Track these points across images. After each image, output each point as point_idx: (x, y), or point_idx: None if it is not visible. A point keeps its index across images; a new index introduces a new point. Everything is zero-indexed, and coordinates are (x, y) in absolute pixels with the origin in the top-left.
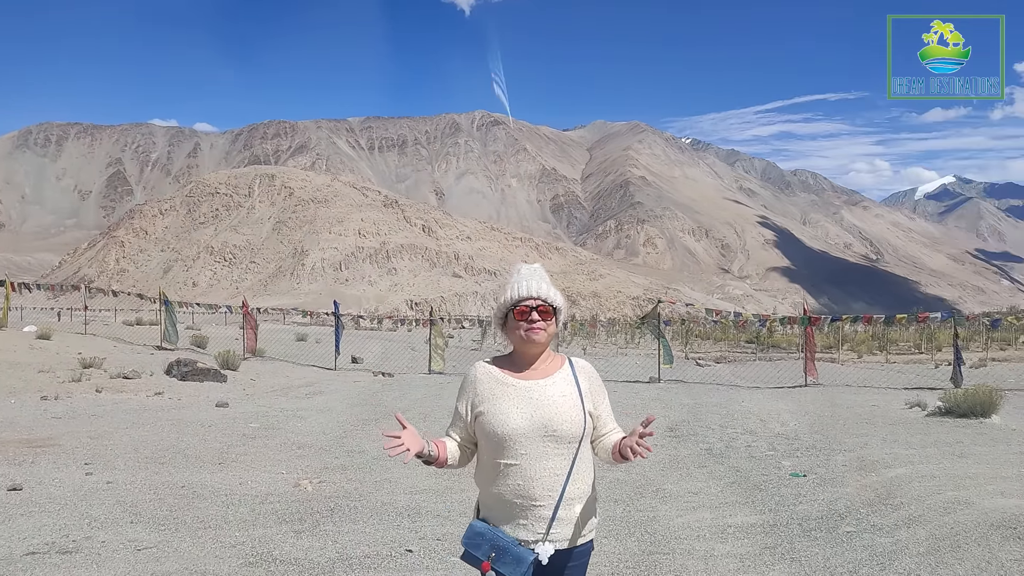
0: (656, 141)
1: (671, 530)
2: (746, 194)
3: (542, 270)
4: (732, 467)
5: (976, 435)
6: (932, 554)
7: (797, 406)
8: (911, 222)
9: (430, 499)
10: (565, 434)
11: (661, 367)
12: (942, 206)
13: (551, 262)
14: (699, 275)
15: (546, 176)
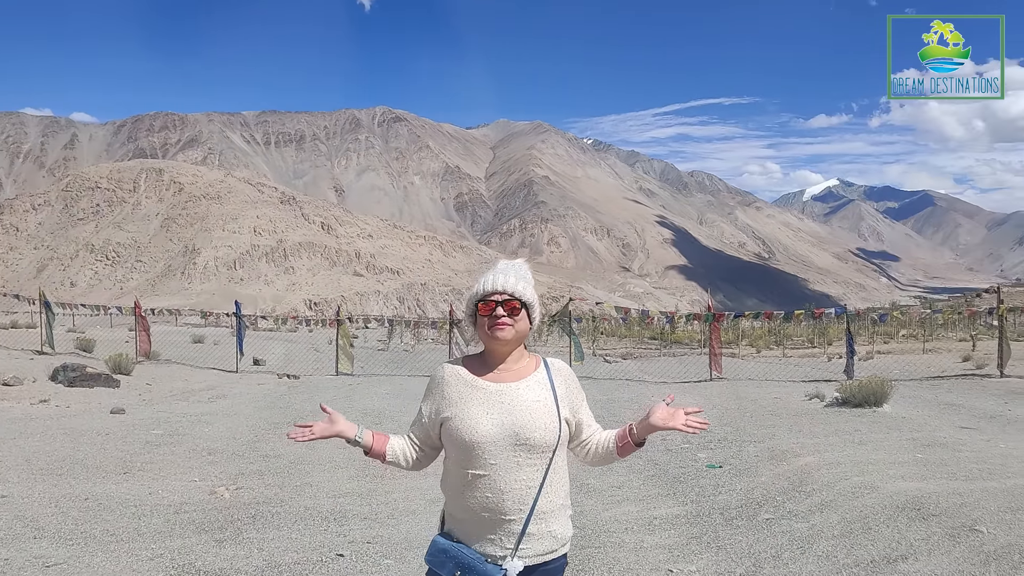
0: (559, 141)
1: (600, 524)
2: (646, 194)
3: (522, 266)
4: (650, 461)
5: (871, 423)
6: (846, 536)
7: (705, 400)
8: (800, 222)
9: (355, 502)
10: (538, 443)
11: (572, 364)
12: (827, 207)
13: (456, 260)
14: (601, 273)
15: (450, 174)
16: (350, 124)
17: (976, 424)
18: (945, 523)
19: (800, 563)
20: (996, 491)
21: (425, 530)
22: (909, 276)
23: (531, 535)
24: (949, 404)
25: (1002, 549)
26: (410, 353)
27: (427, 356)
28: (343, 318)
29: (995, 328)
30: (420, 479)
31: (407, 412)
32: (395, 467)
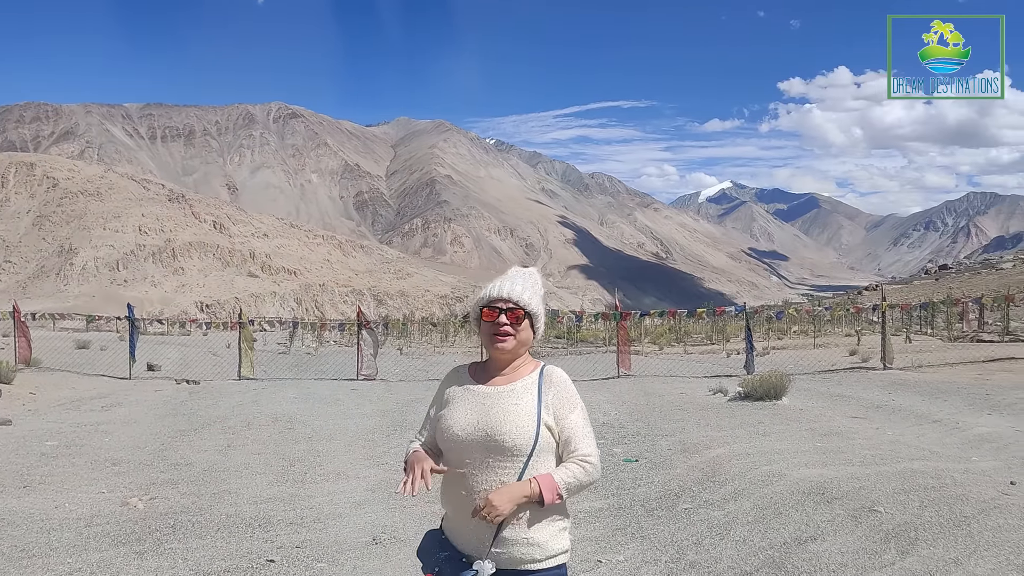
0: (461, 140)
1: None
2: (548, 195)
3: (532, 274)
4: None
5: (773, 416)
6: (760, 521)
7: (615, 396)
8: (696, 223)
9: (279, 507)
10: (509, 446)
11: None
12: (721, 209)
13: (356, 260)
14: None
15: (349, 172)
16: (243, 119)
17: (865, 414)
18: (847, 505)
19: (720, 548)
20: (889, 474)
21: (354, 533)
22: (797, 275)
23: (505, 539)
24: (840, 396)
25: (899, 527)
26: (313, 356)
27: (331, 359)
28: (246, 321)
29: (876, 324)
30: (343, 482)
31: (318, 416)
32: None
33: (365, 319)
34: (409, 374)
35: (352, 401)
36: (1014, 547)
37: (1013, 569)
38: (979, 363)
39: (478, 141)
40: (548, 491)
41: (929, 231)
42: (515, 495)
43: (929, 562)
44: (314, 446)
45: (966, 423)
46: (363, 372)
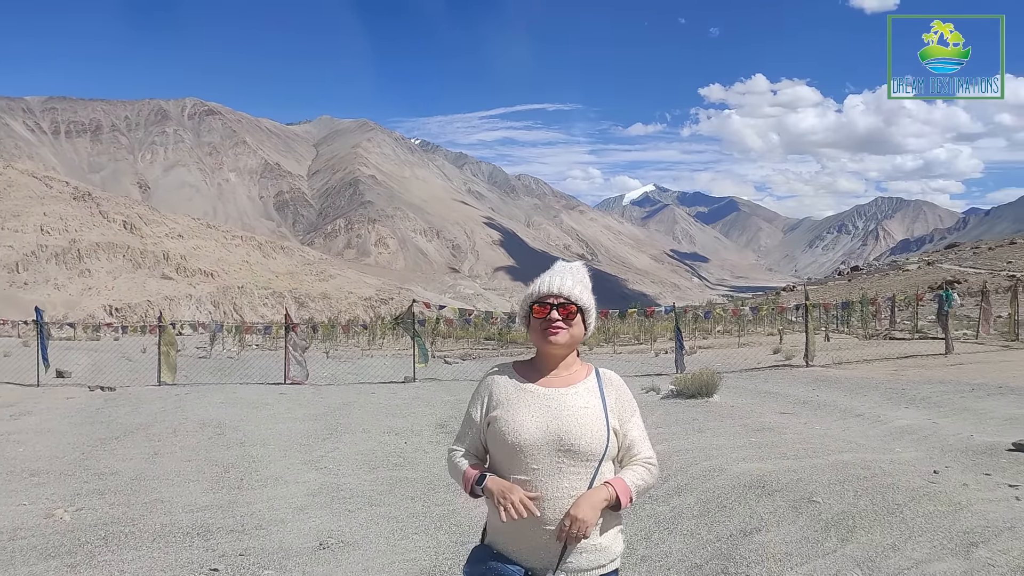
0: (386, 140)
1: (475, 520)
2: (474, 196)
3: (580, 268)
4: None
5: (706, 413)
6: (705, 515)
7: None
8: (620, 226)
9: (217, 515)
10: (583, 450)
11: (416, 366)
12: (645, 212)
13: (276, 262)
14: (431, 275)
15: (269, 171)
16: (156, 115)
17: (793, 409)
18: (787, 497)
19: (669, 542)
20: (823, 466)
21: (299, 539)
22: (717, 276)
23: (575, 547)
24: (768, 392)
25: (837, 516)
26: (235, 360)
27: (255, 363)
28: (167, 324)
29: (793, 323)
30: (282, 487)
31: (248, 421)
32: None
33: (293, 322)
34: (338, 377)
35: (282, 405)
36: (946, 532)
37: (947, 553)
38: (893, 359)
39: (403, 141)
40: (623, 495)
41: (842, 234)
42: (596, 502)
43: (868, 548)
44: (247, 451)
45: (886, 416)
46: (291, 376)
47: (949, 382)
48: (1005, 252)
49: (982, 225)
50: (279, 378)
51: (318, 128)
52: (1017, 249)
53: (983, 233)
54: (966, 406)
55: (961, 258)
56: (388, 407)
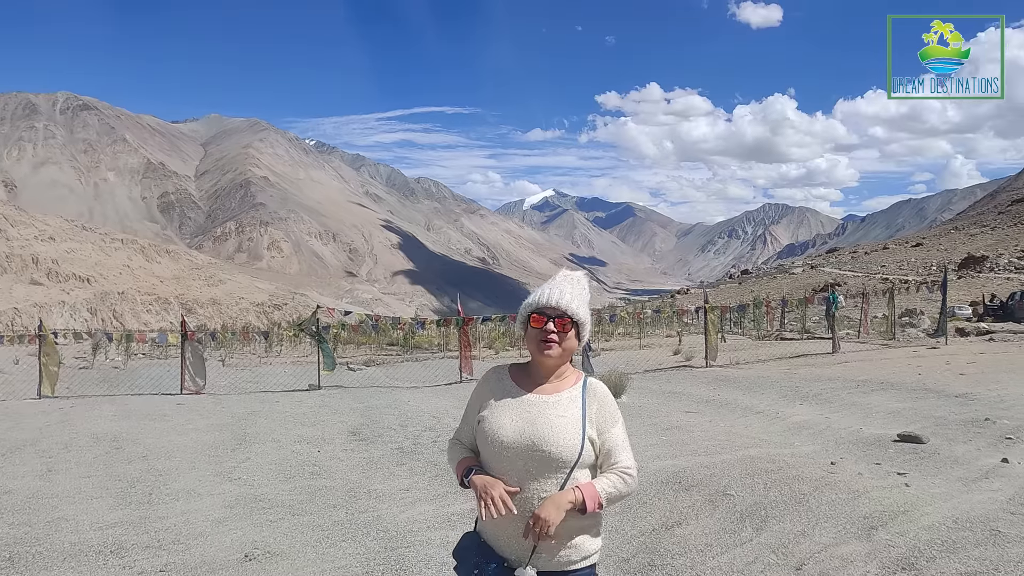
0: (279, 141)
1: (401, 525)
2: (372, 199)
3: (580, 280)
4: (429, 462)
5: None
6: (627, 511)
7: (460, 401)
8: (520, 230)
9: (129, 531)
10: (554, 456)
11: (322, 373)
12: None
13: (161, 266)
14: (328, 279)
15: (152, 171)
16: (23, 109)
17: (697, 408)
18: (704, 491)
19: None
20: (733, 461)
21: (222, 552)
22: (615, 279)
23: (545, 546)
24: (672, 392)
25: (751, 508)
26: (122, 371)
27: (145, 373)
28: (47, 333)
29: (690, 325)
30: (196, 500)
31: (147, 434)
32: None
33: (190, 329)
34: (238, 386)
35: (181, 416)
36: (848, 518)
37: (851, 536)
38: (786, 359)
39: (297, 142)
40: (591, 500)
41: (732, 239)
42: (561, 504)
43: (781, 536)
44: (152, 465)
45: (784, 413)
46: (188, 386)
47: (837, 379)
48: (879, 256)
49: (859, 231)
50: (174, 388)
51: (206, 127)
52: (889, 254)
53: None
54: (854, 401)
55: (841, 262)
56: (296, 416)
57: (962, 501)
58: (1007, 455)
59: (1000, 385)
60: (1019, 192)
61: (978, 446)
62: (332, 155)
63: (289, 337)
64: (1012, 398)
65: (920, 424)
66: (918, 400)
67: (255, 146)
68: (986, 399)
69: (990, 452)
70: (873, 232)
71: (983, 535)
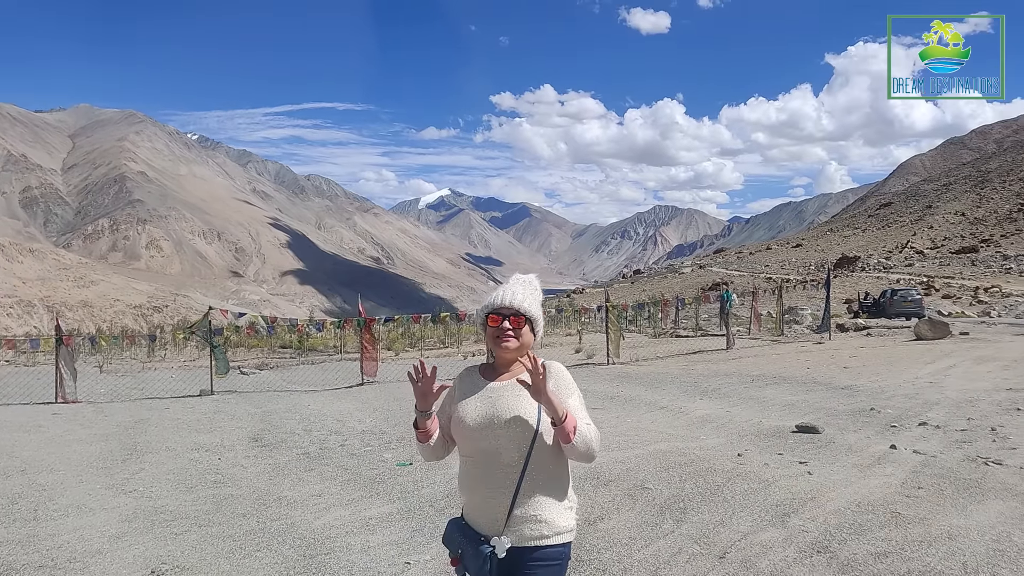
0: (158, 134)
1: (317, 531)
2: (260, 196)
3: (532, 282)
4: (340, 466)
5: None
6: None
7: (363, 404)
8: (416, 229)
9: (16, 551)
10: (514, 430)
11: (215, 378)
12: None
13: (23, 266)
14: (212, 280)
15: (13, 164)
16: None
17: (603, 405)
18: (622, 486)
19: None
20: (646, 456)
21: (125, 569)
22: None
23: (516, 517)
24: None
25: (669, 500)
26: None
27: (9, 382)
28: None
29: (587, 323)
30: (88, 516)
31: (23, 446)
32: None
33: (65, 333)
34: (120, 393)
35: (59, 427)
36: (762, 506)
37: (767, 524)
38: (683, 355)
39: (178, 136)
40: (570, 422)
41: (625, 239)
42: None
43: (701, 526)
44: (33, 479)
45: (687, 408)
46: (64, 394)
47: (733, 374)
48: (763, 256)
49: (743, 232)
50: (47, 397)
51: (75, 117)
52: (772, 254)
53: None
54: (751, 395)
55: (728, 262)
56: (189, 423)
57: (861, 486)
58: (894, 442)
59: (880, 377)
60: (885, 197)
61: (867, 434)
62: (217, 150)
63: (178, 340)
64: (892, 389)
65: (814, 415)
66: (809, 393)
67: (131, 139)
68: (869, 390)
69: (879, 440)
70: (757, 233)
71: (885, 517)
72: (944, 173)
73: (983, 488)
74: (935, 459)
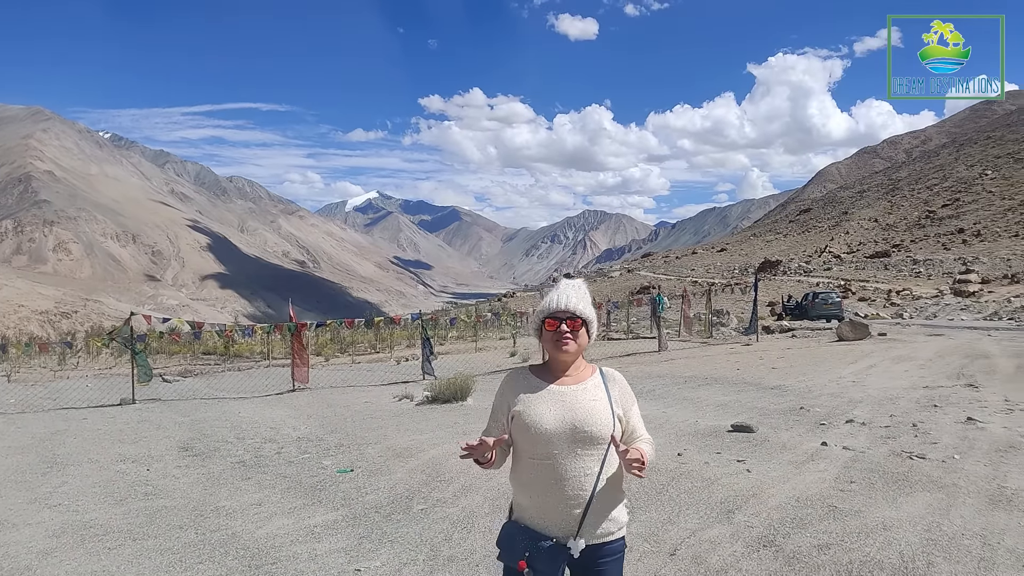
0: (67, 132)
1: (262, 541)
2: (179, 198)
3: (581, 285)
4: (278, 475)
5: (465, 416)
6: (498, 511)
7: (296, 411)
8: (343, 232)
9: None
10: (595, 435)
11: (136, 386)
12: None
13: None
14: (127, 284)
15: None
16: None
17: None
18: None
19: (471, 540)
20: None
21: None
22: (441, 283)
23: (591, 517)
24: None
25: None
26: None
27: None
28: None
29: (520, 327)
30: (12, 532)
31: None
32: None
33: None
34: (32, 404)
35: None
36: (707, 504)
37: (713, 521)
38: (617, 357)
39: (89, 134)
40: (647, 455)
41: (554, 243)
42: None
43: (649, 524)
44: None
45: None
46: None
47: (666, 376)
48: (689, 260)
49: (670, 237)
50: None
51: None
52: (698, 258)
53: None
54: (685, 396)
55: (655, 266)
56: (112, 433)
57: (798, 482)
58: (825, 439)
59: (807, 377)
60: (804, 203)
61: (799, 432)
62: (132, 150)
63: (92, 348)
64: (818, 388)
65: (747, 415)
66: (740, 393)
67: (37, 137)
68: (797, 390)
69: (810, 437)
70: (683, 238)
71: (823, 511)
72: (858, 181)
73: (910, 481)
74: (864, 454)
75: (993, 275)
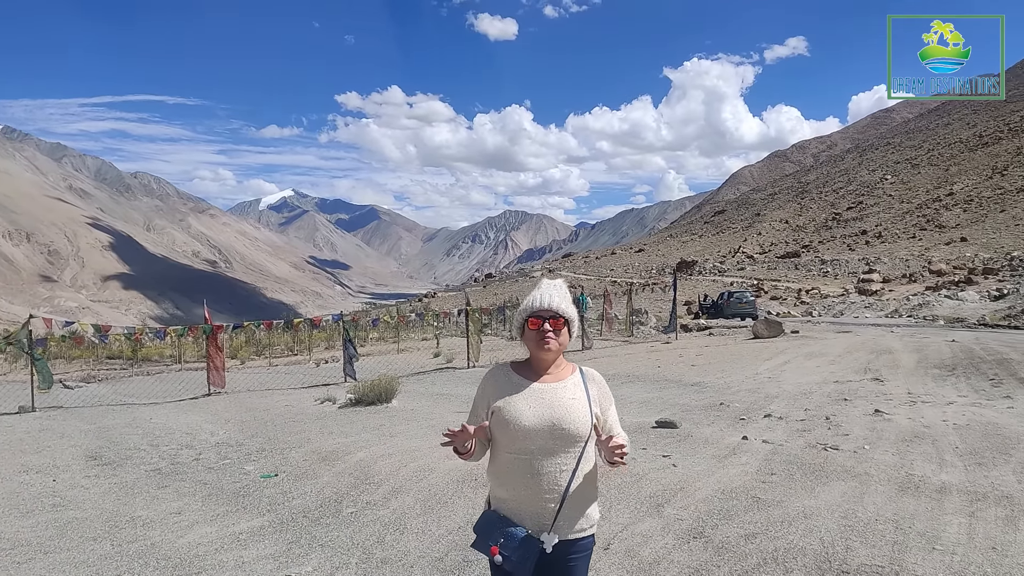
0: None
1: (184, 550)
2: (78, 194)
3: (562, 285)
4: (198, 481)
5: (390, 418)
6: (430, 512)
7: (214, 415)
8: (257, 231)
9: None
10: (573, 433)
11: (36, 393)
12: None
13: None
14: (19, 286)
15: None
16: None
17: (468, 408)
18: None
19: (404, 542)
20: None
21: None
22: (359, 283)
23: (564, 513)
24: (440, 394)
25: None
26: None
27: None
28: None
29: (443, 328)
30: None
31: None
32: (473, 461)
33: None
34: None
35: None
36: (637, 498)
37: (644, 515)
38: None
39: None
40: (627, 445)
41: (476, 243)
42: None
43: None
44: None
45: None
46: None
47: None
48: (608, 261)
49: (590, 237)
50: None
51: None
52: (617, 258)
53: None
54: None
55: (576, 266)
56: (11, 443)
57: (722, 475)
58: (745, 433)
59: (725, 374)
60: (719, 205)
61: (720, 427)
62: (25, 143)
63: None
64: (737, 384)
65: (670, 411)
66: (663, 390)
67: None
68: (716, 386)
69: (731, 432)
70: (602, 239)
71: (748, 502)
72: (770, 183)
73: (826, 471)
74: (782, 447)
75: (893, 274)
